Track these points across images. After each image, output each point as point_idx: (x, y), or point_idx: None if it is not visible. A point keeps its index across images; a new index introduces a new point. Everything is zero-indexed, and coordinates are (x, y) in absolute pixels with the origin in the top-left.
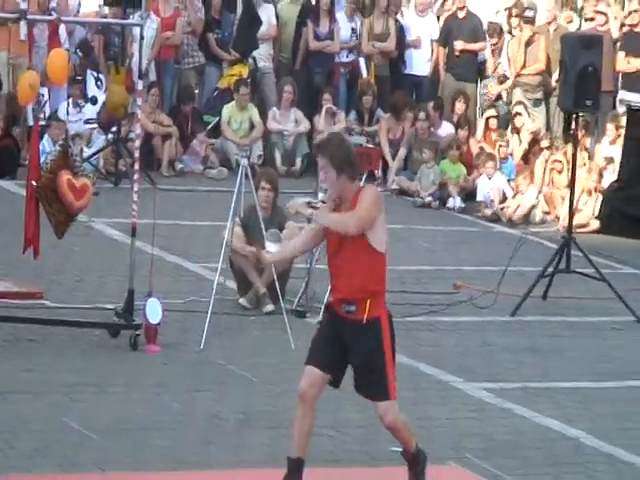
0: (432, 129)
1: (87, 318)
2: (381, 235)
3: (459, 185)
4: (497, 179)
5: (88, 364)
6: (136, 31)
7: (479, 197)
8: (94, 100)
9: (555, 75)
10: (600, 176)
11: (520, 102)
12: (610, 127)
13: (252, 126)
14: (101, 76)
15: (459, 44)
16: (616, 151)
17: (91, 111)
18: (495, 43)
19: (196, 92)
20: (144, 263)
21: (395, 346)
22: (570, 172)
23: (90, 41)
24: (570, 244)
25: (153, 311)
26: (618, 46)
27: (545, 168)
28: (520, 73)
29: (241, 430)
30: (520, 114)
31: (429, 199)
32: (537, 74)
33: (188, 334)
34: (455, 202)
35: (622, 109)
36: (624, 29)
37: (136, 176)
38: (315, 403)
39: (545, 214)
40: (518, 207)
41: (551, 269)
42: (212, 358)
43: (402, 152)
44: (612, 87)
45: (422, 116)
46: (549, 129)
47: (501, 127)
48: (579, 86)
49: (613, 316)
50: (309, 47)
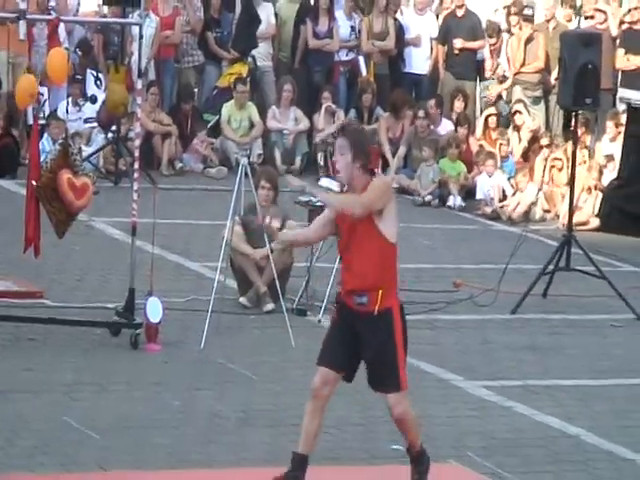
0: (432, 127)
1: (88, 317)
2: (392, 225)
3: (459, 183)
4: (497, 177)
5: (89, 363)
6: (135, 30)
7: (479, 195)
8: (94, 99)
9: (554, 73)
10: (600, 174)
11: (520, 100)
12: (610, 125)
13: (252, 125)
14: (100, 75)
15: (458, 42)
16: (616, 149)
17: (91, 110)
18: (494, 43)
19: (195, 91)
20: (144, 262)
21: (407, 337)
22: (570, 170)
23: (89, 40)
24: (570, 242)
25: (154, 310)
26: (617, 44)
27: (545, 166)
28: (519, 71)
29: (242, 428)
30: (520, 112)
31: (429, 197)
32: (536, 72)
33: (188, 333)
34: (455, 200)
35: (622, 107)
36: (623, 27)
37: (136, 175)
38: (327, 402)
39: (545, 212)
40: (518, 205)
41: (551, 267)
42: (212, 357)
43: (402, 150)
44: (611, 85)
45: (421, 114)
46: (549, 127)
47: (502, 126)
48: (579, 84)
49: (613, 314)
50: (308, 45)
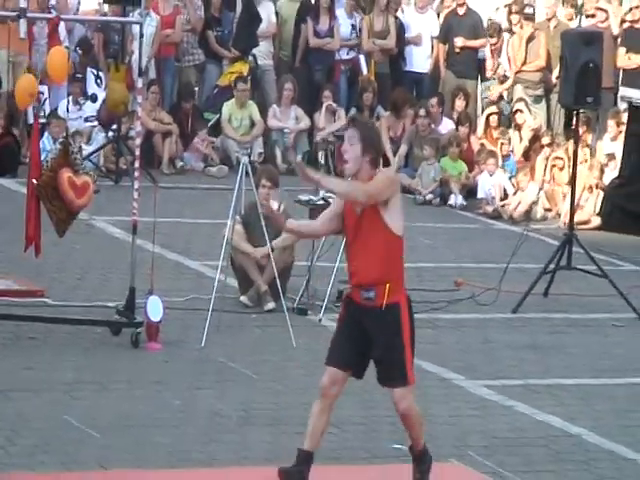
0: (433, 126)
1: (88, 316)
2: (397, 218)
3: (460, 182)
4: (498, 176)
5: (89, 362)
6: (136, 29)
7: (480, 194)
8: (94, 98)
9: (555, 72)
10: (601, 173)
11: (521, 99)
12: (611, 124)
13: (252, 124)
14: (101, 74)
15: (459, 41)
16: (617, 148)
17: (91, 109)
18: (495, 43)
19: (196, 90)
20: (145, 261)
21: (415, 330)
22: (571, 169)
23: (90, 39)
24: (571, 241)
25: (154, 309)
26: (619, 42)
27: (546, 165)
28: (521, 70)
29: (242, 427)
30: (521, 111)
31: (430, 196)
32: (537, 71)
33: (189, 332)
34: (456, 199)
35: (623, 105)
36: (624, 25)
37: (137, 174)
38: (335, 401)
39: (546, 211)
40: (519, 204)
41: (552, 266)
42: (213, 356)
43: (403, 149)
44: (613, 84)
45: (422, 113)
46: (550, 126)
47: (503, 125)
48: (580, 83)
49: (614, 313)
50: (309, 44)
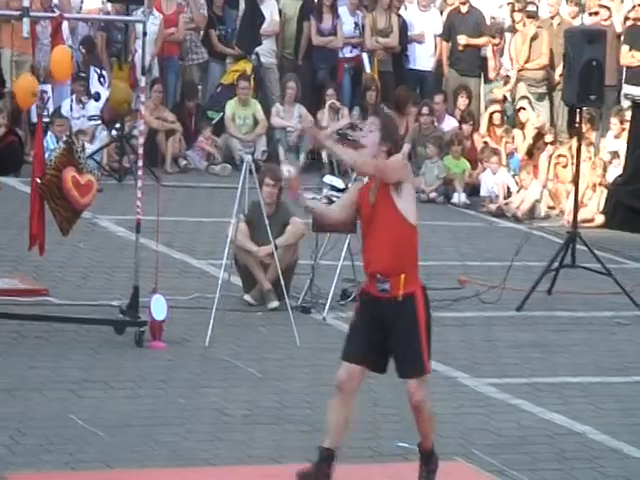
0: (436, 124)
1: (92, 315)
2: (411, 205)
3: (464, 181)
4: (501, 174)
5: (93, 361)
6: (139, 27)
7: (483, 192)
8: (97, 97)
9: (559, 70)
10: (605, 170)
11: (524, 97)
12: (614, 121)
13: (256, 122)
14: (104, 72)
15: (462, 39)
16: (621, 145)
17: (94, 108)
18: (497, 44)
19: (199, 88)
20: (149, 260)
21: (431, 319)
22: (574, 167)
23: (93, 38)
24: (575, 239)
25: (158, 308)
26: (622, 40)
27: (549, 163)
28: (524, 67)
29: (247, 426)
30: (524, 109)
31: (433, 194)
32: (540, 68)
33: (193, 330)
34: (460, 197)
35: (626, 103)
36: (628, 23)
37: (140, 173)
38: (354, 396)
39: (550, 209)
40: (522, 202)
41: (556, 264)
42: (217, 354)
43: (406, 147)
44: (616, 81)
45: (425, 111)
46: (553, 124)
47: (507, 124)
48: (583, 81)
49: (619, 311)
50: (312, 43)
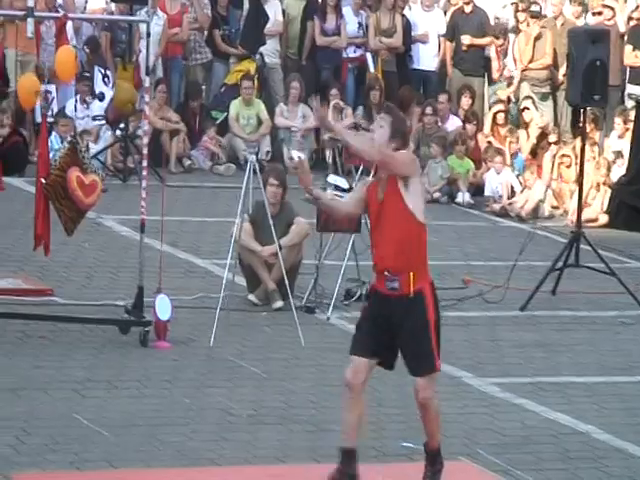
0: (440, 124)
1: (97, 315)
2: (419, 201)
3: (467, 181)
4: (505, 174)
5: (98, 361)
6: (143, 27)
7: (487, 192)
8: (101, 97)
9: (562, 69)
10: (609, 170)
11: (528, 97)
12: (618, 121)
13: (260, 122)
14: (108, 72)
15: (466, 39)
16: (624, 145)
17: (99, 108)
18: (500, 45)
19: (203, 88)
20: (153, 260)
21: (440, 315)
22: (578, 166)
23: (97, 38)
24: (579, 239)
25: (163, 307)
26: (625, 40)
27: (553, 163)
28: (527, 67)
29: (252, 426)
30: (528, 109)
31: (437, 194)
32: (544, 68)
33: (198, 330)
34: (464, 197)
35: (630, 103)
36: (631, 23)
37: (144, 173)
38: (363, 391)
39: (553, 209)
40: (526, 202)
41: (560, 264)
42: (222, 354)
43: (410, 147)
44: (620, 81)
45: (429, 111)
46: (557, 124)
47: (511, 124)
48: (587, 80)
49: (622, 310)
50: (316, 43)
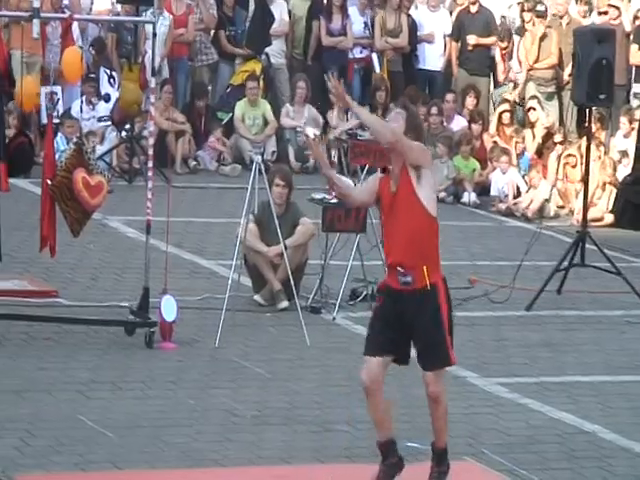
0: (445, 124)
1: (102, 316)
2: (431, 194)
3: (473, 180)
4: (511, 174)
5: (103, 362)
6: (149, 28)
7: (493, 192)
8: (107, 98)
9: (568, 69)
10: (614, 170)
11: (534, 96)
12: (624, 120)
13: (265, 123)
14: (114, 74)
15: (472, 39)
16: (630, 145)
17: (104, 109)
18: (505, 47)
19: (209, 89)
20: (159, 261)
21: (452, 309)
22: (584, 166)
23: (103, 39)
24: (585, 238)
25: (168, 308)
26: (631, 39)
27: (559, 162)
28: (533, 67)
29: (257, 427)
30: (534, 109)
31: (443, 194)
32: (550, 68)
33: (203, 331)
34: (470, 197)
35: (636, 102)
36: (637, 22)
37: (150, 174)
38: (381, 389)
39: (559, 208)
40: (531, 202)
41: (566, 263)
42: (227, 355)
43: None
44: (625, 81)
45: (434, 111)
46: (562, 123)
47: (516, 123)
48: (592, 80)
49: (628, 310)
50: (322, 43)
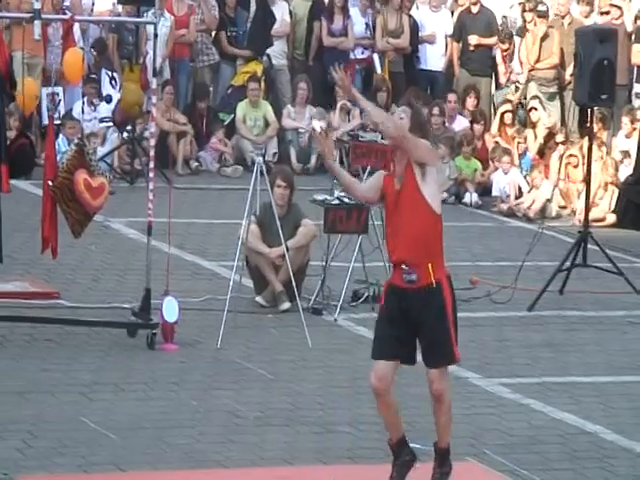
0: (447, 124)
1: (104, 317)
2: (436, 192)
3: (475, 181)
4: (513, 174)
5: (105, 363)
6: (150, 29)
7: (495, 192)
8: (109, 99)
9: (569, 69)
10: (616, 170)
11: (536, 97)
12: (625, 121)
13: (267, 124)
14: (115, 75)
15: (473, 39)
16: (632, 145)
17: (106, 110)
18: (506, 49)
19: (211, 90)
20: (160, 262)
21: (456, 306)
22: (585, 166)
23: (104, 40)
24: (587, 238)
25: (170, 310)
26: (633, 39)
27: (560, 163)
28: (534, 67)
29: (259, 428)
30: (536, 109)
31: (445, 195)
32: (551, 68)
33: (205, 332)
34: (471, 197)
35: (638, 102)
36: (639, 22)
37: (151, 175)
38: (391, 391)
39: (561, 208)
40: (533, 202)
41: (568, 264)
42: (229, 356)
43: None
44: (627, 81)
45: (436, 111)
46: (564, 123)
47: (518, 124)
48: (594, 80)
49: (630, 310)
50: (323, 44)
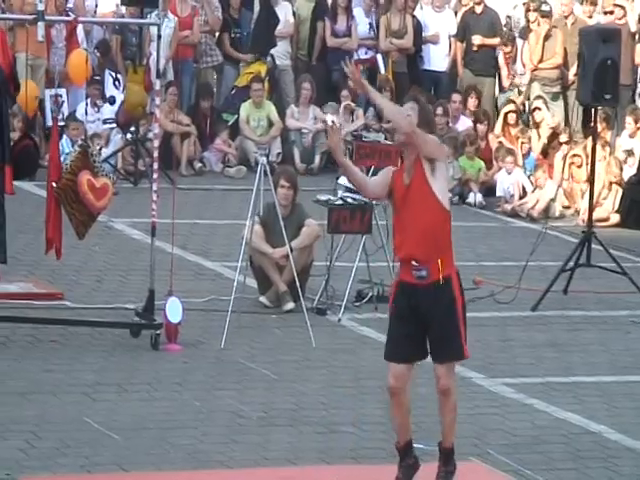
0: (450, 124)
1: (107, 318)
2: (444, 188)
3: (479, 181)
4: (517, 174)
5: (109, 364)
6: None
7: (499, 192)
8: (112, 100)
9: (573, 69)
10: (620, 170)
11: (539, 97)
12: (629, 120)
13: (270, 124)
14: (119, 76)
15: (477, 39)
16: (636, 144)
17: (109, 111)
18: (509, 52)
19: (214, 90)
20: (164, 262)
21: (465, 303)
22: (589, 166)
23: (108, 41)
24: (590, 238)
25: (174, 310)
26: (637, 39)
27: (564, 163)
28: (538, 67)
29: (263, 428)
30: (539, 109)
31: (449, 195)
32: (555, 68)
33: (209, 333)
34: (475, 198)
35: None
36: None
37: (155, 175)
38: (407, 390)
39: (565, 208)
40: (537, 202)
41: (572, 263)
42: (233, 357)
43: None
44: (631, 80)
45: (440, 111)
46: (567, 123)
47: (522, 124)
48: (598, 80)
49: (634, 310)
50: (327, 44)
